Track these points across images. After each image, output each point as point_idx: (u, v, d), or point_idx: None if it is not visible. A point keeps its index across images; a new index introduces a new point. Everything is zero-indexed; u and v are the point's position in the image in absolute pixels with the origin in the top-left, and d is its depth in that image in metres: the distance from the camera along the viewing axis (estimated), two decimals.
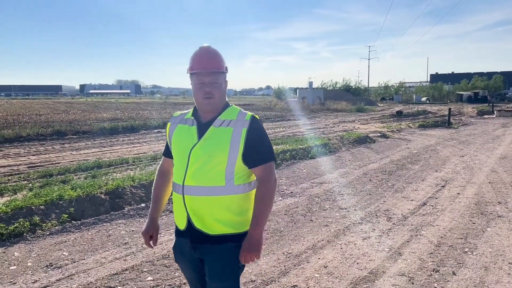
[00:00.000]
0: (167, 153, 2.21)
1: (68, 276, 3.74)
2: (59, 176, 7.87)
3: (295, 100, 43.99)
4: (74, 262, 4.08)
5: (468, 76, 74.26)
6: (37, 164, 9.56)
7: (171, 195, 2.18)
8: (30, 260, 4.14)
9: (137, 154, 11.10)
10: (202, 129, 2.01)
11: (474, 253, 4.22)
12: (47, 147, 12.88)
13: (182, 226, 2.03)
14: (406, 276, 3.71)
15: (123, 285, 3.55)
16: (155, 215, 2.22)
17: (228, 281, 2.00)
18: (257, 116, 2.04)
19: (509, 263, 3.97)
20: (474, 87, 59.17)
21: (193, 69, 2.00)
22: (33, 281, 3.64)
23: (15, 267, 3.98)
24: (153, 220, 2.21)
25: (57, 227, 5.14)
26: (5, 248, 4.47)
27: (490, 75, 69.13)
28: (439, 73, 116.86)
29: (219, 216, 1.95)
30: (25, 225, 4.99)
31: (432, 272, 3.78)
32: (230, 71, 2.13)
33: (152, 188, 2.27)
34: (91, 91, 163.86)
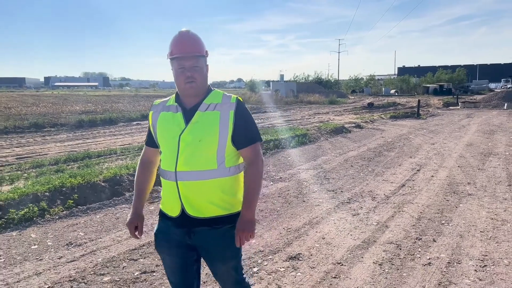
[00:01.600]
0: (150, 142, 2.20)
1: (90, 252, 4.05)
2: (51, 166, 8.02)
3: (268, 93, 44.46)
4: (92, 240, 4.38)
5: (433, 69, 76.92)
6: (24, 156, 9.62)
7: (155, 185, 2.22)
8: (49, 240, 4.42)
9: (122, 145, 11.28)
10: (188, 114, 2.00)
11: (450, 224, 4.80)
12: (28, 139, 12.81)
13: (175, 213, 2.02)
14: (394, 243, 4.23)
15: (144, 258, 3.90)
16: (139, 206, 2.20)
17: (232, 260, 2.06)
18: (241, 99, 2.06)
19: (480, 231, 4.57)
20: (439, 80, 61.44)
21: (173, 54, 1.98)
22: (58, 257, 3.94)
23: (36, 246, 4.25)
24: (137, 211, 2.19)
25: (64, 212, 5.39)
26: (19, 231, 4.71)
27: (454, 68, 71.85)
28: (406, 66, 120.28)
29: (213, 199, 1.97)
30: (34, 210, 5.22)
31: (416, 240, 4.32)
32: None
33: (135, 179, 2.25)
34: (56, 84, 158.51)
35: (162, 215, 2.12)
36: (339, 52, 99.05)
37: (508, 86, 62.11)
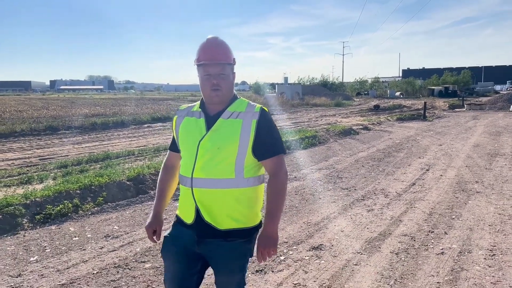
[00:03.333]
0: (174, 147, 2.19)
1: (128, 243, 4.40)
2: (74, 167, 8.38)
3: (274, 95, 44.78)
4: (127, 233, 4.73)
5: (439, 71, 77.16)
6: (46, 157, 10.00)
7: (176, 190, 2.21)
8: (88, 233, 4.77)
9: (138, 147, 11.63)
10: (210, 121, 1.99)
11: (460, 219, 5.11)
12: (46, 141, 13.21)
13: (190, 219, 1.99)
14: (408, 236, 4.55)
15: None
16: (160, 210, 2.20)
17: (236, 275, 2.03)
18: (266, 108, 2.03)
19: (489, 225, 4.88)
20: (445, 82, 61.62)
21: (200, 60, 1.97)
22: (100, 247, 4.29)
23: (77, 238, 4.61)
24: (157, 215, 2.19)
25: (95, 208, 5.74)
26: (57, 226, 5.07)
27: (459, 70, 72.07)
28: (410, 68, 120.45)
29: (228, 210, 1.93)
30: (69, 206, 5.58)
31: (428, 233, 4.64)
32: None
33: (157, 182, 2.26)
34: (62, 87, 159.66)
35: (178, 220, 2.11)
36: (343, 55, 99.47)
37: None
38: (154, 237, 2.17)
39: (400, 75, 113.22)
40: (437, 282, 3.45)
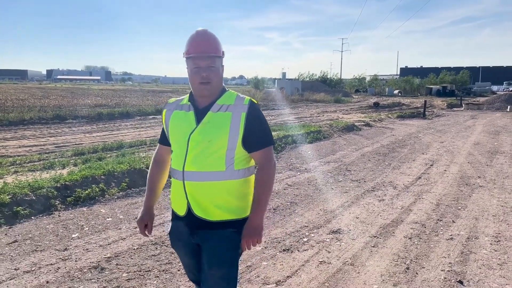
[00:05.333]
0: (163, 140, 2.19)
1: (159, 224, 4.73)
2: (91, 154, 8.66)
3: (273, 91, 45.00)
4: (156, 216, 5.01)
5: (436, 70, 77.71)
6: (60, 145, 10.27)
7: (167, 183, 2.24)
8: (119, 214, 5.09)
9: (148, 137, 11.92)
10: (199, 114, 1.98)
11: (466, 210, 5.47)
12: (56, 130, 13.47)
13: (182, 212, 2.01)
14: (419, 223, 4.90)
15: None
16: (151, 204, 2.20)
17: (227, 267, 1.98)
18: (255, 101, 2.02)
19: (493, 215, 5.24)
20: (443, 81, 62.17)
21: (189, 53, 1.95)
22: (133, 227, 4.61)
23: (110, 219, 4.92)
24: (148, 209, 2.19)
25: (120, 193, 6.06)
26: (88, 207, 5.38)
27: (457, 70, 72.72)
28: (408, 66, 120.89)
29: (219, 202, 1.94)
30: (96, 190, 5.89)
31: (437, 221, 5.00)
32: None
33: (147, 176, 2.24)
34: (59, 77, 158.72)
35: (173, 214, 2.13)
36: (342, 51, 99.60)
37: (511, 89, 62.89)
38: (146, 231, 2.20)
39: (398, 73, 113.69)
40: (449, 263, 3.80)
